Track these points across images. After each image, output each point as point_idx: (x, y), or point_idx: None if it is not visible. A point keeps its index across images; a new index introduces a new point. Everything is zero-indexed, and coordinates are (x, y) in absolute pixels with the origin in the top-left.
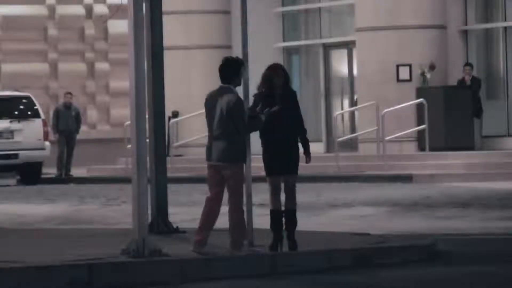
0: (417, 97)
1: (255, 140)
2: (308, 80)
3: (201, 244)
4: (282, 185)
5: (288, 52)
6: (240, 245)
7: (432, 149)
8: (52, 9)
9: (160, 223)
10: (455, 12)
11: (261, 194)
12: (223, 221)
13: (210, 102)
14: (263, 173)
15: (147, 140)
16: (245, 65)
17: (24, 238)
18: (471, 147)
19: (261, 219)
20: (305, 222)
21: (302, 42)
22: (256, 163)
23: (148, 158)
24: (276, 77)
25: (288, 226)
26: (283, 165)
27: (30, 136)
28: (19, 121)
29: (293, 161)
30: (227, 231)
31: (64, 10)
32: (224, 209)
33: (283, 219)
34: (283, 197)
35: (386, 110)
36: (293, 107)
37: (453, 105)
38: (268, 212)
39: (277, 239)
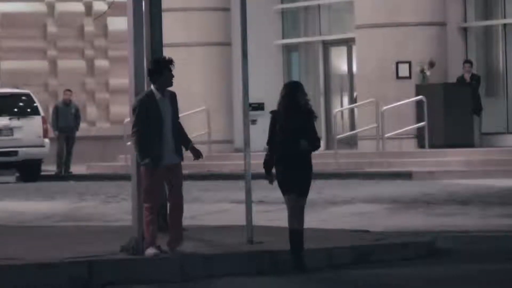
0: (417, 94)
1: (254, 136)
2: (307, 78)
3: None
4: None
5: (288, 49)
6: (147, 244)
7: (432, 146)
8: (51, 6)
9: (160, 220)
10: (455, 9)
11: (260, 191)
12: (218, 217)
13: None
14: (262, 170)
15: None
16: (168, 65)
17: (23, 235)
18: (470, 144)
19: (261, 216)
20: (304, 220)
21: (302, 39)
22: (256, 160)
23: None
24: (300, 93)
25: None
26: (297, 183)
27: (29, 133)
28: (18, 118)
29: (306, 183)
30: (224, 228)
31: (63, 7)
32: (220, 206)
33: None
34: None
35: (385, 107)
36: (311, 125)
37: (452, 102)
38: (268, 209)
39: (298, 258)
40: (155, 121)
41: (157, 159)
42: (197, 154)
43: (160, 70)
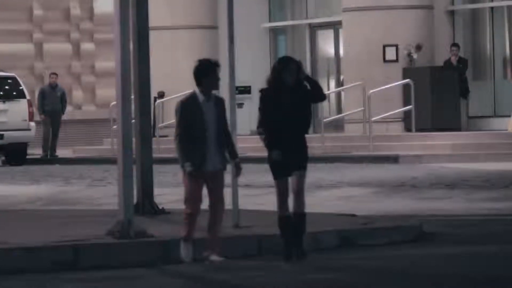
0: (404, 78)
1: (241, 119)
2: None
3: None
4: (290, 186)
5: (274, 32)
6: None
7: (419, 129)
8: None
9: (146, 204)
10: None
11: (247, 175)
12: (204, 201)
13: None
14: (249, 154)
15: (133, 120)
16: (214, 68)
17: (8, 219)
18: (457, 128)
19: (248, 200)
20: (291, 203)
21: (288, 23)
22: (243, 143)
23: (133, 139)
24: (286, 71)
25: (296, 231)
26: (291, 164)
27: (15, 116)
28: (4, 102)
29: (303, 157)
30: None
31: None
32: (207, 190)
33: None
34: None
35: (372, 90)
36: (304, 104)
37: (439, 86)
38: (255, 193)
39: (289, 246)
40: (198, 125)
41: (197, 165)
42: (239, 172)
43: (206, 72)
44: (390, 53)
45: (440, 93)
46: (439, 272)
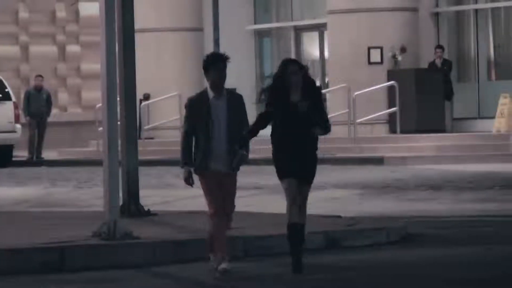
0: (388, 80)
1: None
2: (279, 63)
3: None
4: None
5: (260, 34)
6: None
7: (403, 131)
8: None
9: (132, 206)
10: None
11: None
12: (191, 203)
13: None
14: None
15: (118, 122)
16: (216, 62)
17: None
18: (442, 130)
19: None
20: (277, 204)
21: (274, 25)
22: None
23: (119, 141)
24: (290, 66)
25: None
26: (300, 167)
27: (1, 118)
28: None
29: (312, 168)
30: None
31: None
32: (193, 192)
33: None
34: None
35: (357, 92)
36: (314, 104)
37: (424, 88)
38: (242, 194)
39: (298, 257)
40: (204, 123)
41: (201, 165)
42: (237, 165)
43: (207, 66)
44: (375, 55)
45: (424, 95)
46: (424, 273)
